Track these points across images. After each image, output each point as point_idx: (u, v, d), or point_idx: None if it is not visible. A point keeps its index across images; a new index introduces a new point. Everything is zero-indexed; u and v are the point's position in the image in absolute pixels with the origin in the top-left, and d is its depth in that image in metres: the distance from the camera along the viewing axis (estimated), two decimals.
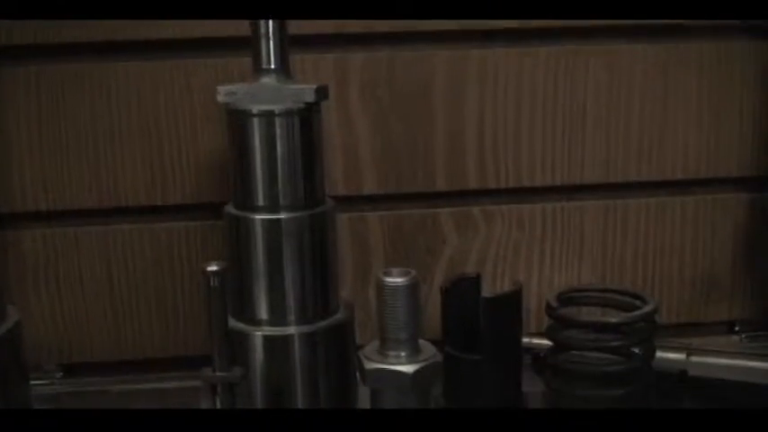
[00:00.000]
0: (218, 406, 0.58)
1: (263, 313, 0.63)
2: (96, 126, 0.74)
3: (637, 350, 0.56)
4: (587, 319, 0.55)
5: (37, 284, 0.76)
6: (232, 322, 0.63)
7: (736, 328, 0.83)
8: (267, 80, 0.61)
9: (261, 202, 0.62)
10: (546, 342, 0.62)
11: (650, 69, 0.77)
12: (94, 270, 0.76)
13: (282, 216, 0.61)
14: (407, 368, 0.56)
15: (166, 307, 0.77)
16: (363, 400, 0.62)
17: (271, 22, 0.61)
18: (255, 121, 0.61)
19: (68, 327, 0.77)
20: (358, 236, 0.77)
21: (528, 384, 0.67)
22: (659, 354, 0.70)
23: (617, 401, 0.55)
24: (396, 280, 0.56)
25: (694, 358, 0.69)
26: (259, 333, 0.63)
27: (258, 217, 0.62)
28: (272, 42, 0.61)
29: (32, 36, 0.71)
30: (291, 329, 0.63)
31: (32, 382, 0.70)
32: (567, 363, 0.56)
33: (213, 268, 0.55)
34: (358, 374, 0.61)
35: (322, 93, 0.62)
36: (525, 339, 0.70)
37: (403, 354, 0.56)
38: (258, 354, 0.63)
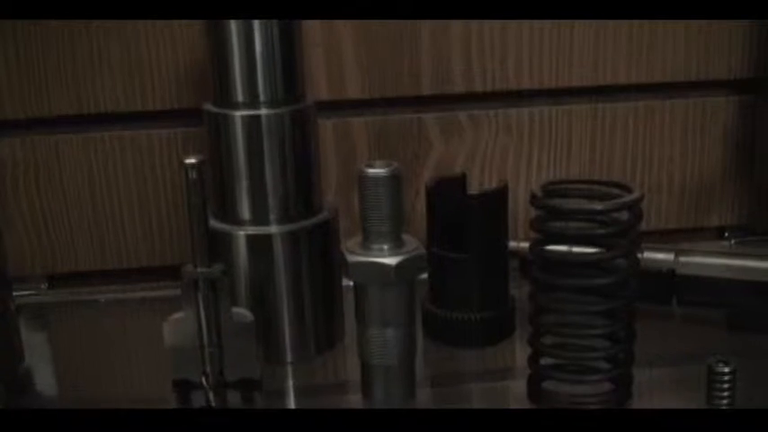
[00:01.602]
0: (200, 303, 0.57)
1: (244, 213, 0.62)
2: (74, 34, 0.72)
3: (622, 239, 0.55)
4: (571, 206, 0.54)
5: (17, 194, 0.75)
6: (215, 223, 0.63)
7: (726, 234, 0.83)
8: None
9: (240, 98, 0.60)
10: None
11: None
12: (76, 179, 0.75)
13: (263, 112, 0.60)
14: (390, 260, 0.55)
15: (150, 215, 0.76)
16: (348, 300, 0.62)
17: None
18: None
19: (51, 237, 0.76)
20: (343, 142, 0.76)
21: (516, 289, 0.67)
22: (648, 254, 0.69)
23: (600, 290, 0.55)
24: (378, 171, 0.54)
25: (683, 258, 0.69)
26: (241, 233, 0.62)
27: (238, 114, 0.60)
28: None
29: None
30: (273, 228, 0.62)
31: (17, 293, 0.70)
32: (550, 253, 0.55)
33: (191, 160, 0.54)
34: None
35: None
36: (512, 243, 0.70)
37: (386, 246, 0.55)
38: (241, 254, 0.62)
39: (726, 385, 0.57)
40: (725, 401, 0.57)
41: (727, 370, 0.57)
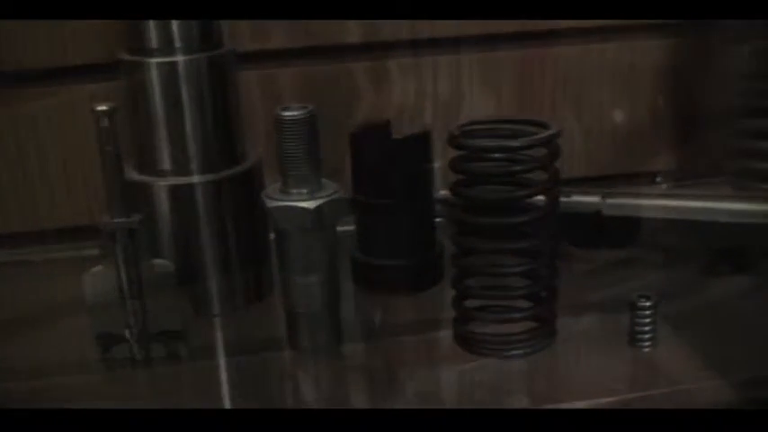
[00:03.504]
0: (119, 255, 0.57)
1: (165, 163, 0.61)
2: None
3: (540, 177, 0.55)
4: (487, 144, 0.54)
5: None
6: (136, 176, 0.62)
7: (658, 179, 0.83)
8: None
9: (155, 44, 0.60)
10: None
11: None
12: (1, 137, 0.73)
13: (178, 58, 0.59)
14: (309, 204, 0.54)
15: (77, 173, 0.75)
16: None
17: None
18: None
19: None
20: (269, 94, 0.75)
21: (445, 237, 0.67)
22: (575, 198, 0.70)
23: (518, 229, 0.55)
24: (293, 113, 0.54)
25: (610, 200, 0.69)
26: (162, 183, 0.61)
27: (153, 60, 0.59)
28: None
29: None
30: (195, 178, 0.61)
31: None
32: (468, 193, 0.55)
33: (102, 107, 0.53)
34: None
35: None
36: (443, 192, 0.69)
37: (305, 191, 0.55)
38: (163, 205, 0.62)
39: (647, 320, 0.57)
40: (647, 336, 0.57)
41: (648, 304, 0.57)
